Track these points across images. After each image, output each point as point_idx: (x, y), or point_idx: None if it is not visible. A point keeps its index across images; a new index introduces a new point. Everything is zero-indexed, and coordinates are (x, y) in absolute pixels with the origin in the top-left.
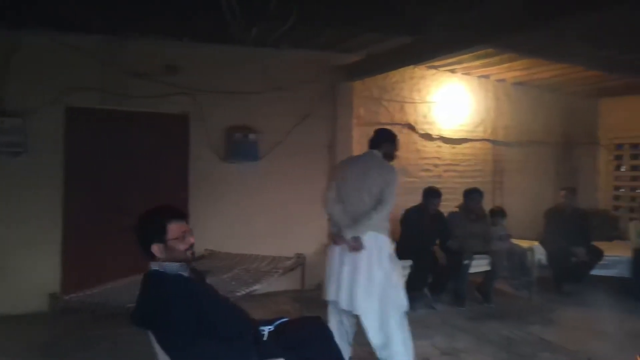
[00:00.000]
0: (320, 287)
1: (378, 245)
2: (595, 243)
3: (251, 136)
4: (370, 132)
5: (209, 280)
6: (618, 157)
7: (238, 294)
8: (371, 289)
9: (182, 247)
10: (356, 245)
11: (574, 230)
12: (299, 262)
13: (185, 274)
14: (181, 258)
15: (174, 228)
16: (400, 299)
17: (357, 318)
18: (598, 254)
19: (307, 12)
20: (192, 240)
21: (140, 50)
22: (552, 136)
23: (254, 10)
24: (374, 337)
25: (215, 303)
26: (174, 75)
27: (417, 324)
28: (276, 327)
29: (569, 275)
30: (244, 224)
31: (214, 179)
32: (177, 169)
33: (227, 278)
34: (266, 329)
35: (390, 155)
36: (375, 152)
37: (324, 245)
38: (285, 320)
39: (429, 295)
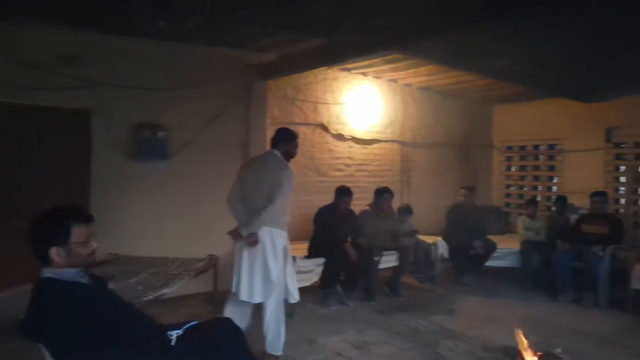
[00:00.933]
0: None
1: (272, 239)
2: (490, 237)
3: (160, 134)
4: None
5: (112, 285)
6: (509, 158)
7: (145, 298)
8: (268, 280)
9: (84, 252)
10: (250, 241)
11: (473, 225)
12: (212, 263)
13: (84, 280)
14: (81, 264)
15: (78, 231)
16: (294, 290)
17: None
18: (492, 247)
19: (219, 7)
20: (95, 245)
21: (35, 38)
22: (454, 138)
23: (161, 2)
24: (269, 327)
25: (116, 310)
26: (73, 67)
27: (329, 320)
28: (185, 331)
29: (468, 267)
30: (154, 225)
31: (120, 178)
32: (78, 168)
33: (133, 283)
34: (174, 334)
35: (289, 154)
36: (275, 151)
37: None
38: (195, 324)
39: (341, 291)
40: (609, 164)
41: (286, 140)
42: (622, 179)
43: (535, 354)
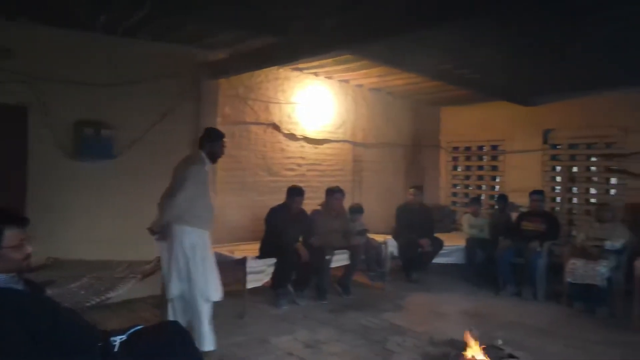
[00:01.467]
0: None
1: (179, 236)
2: (437, 234)
3: (104, 132)
4: (235, 130)
5: (52, 291)
6: (455, 159)
7: (88, 304)
8: (178, 276)
9: (18, 256)
10: (159, 237)
11: (421, 224)
12: (159, 265)
13: (18, 286)
14: (15, 269)
15: (11, 235)
16: (207, 288)
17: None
18: (440, 244)
19: (164, 3)
20: (29, 249)
21: None
22: (403, 139)
23: None
24: (192, 324)
25: (54, 316)
26: (7, 60)
27: (281, 320)
28: (129, 337)
29: (416, 264)
30: (98, 227)
31: (60, 178)
32: (14, 168)
33: (74, 287)
34: (117, 339)
35: (214, 154)
36: (199, 151)
37: None
38: (140, 328)
39: (293, 291)
40: (546, 165)
41: (211, 140)
42: (558, 179)
43: (478, 346)
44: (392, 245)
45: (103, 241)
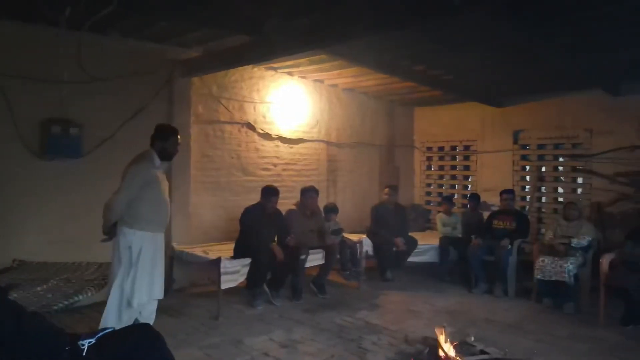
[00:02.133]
0: None
1: (118, 236)
2: (412, 233)
3: (73, 130)
4: (209, 129)
5: (16, 294)
6: (429, 158)
7: (55, 307)
8: (113, 278)
9: None
10: (107, 238)
11: (396, 223)
12: None
13: None
14: None
15: None
16: (132, 293)
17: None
18: (414, 243)
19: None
20: None
21: None
22: (378, 139)
23: None
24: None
25: (17, 320)
26: None
27: (256, 320)
28: (99, 340)
29: (391, 263)
30: (66, 228)
31: (27, 178)
32: None
33: (41, 291)
34: (86, 343)
35: (166, 152)
36: (150, 149)
37: None
38: (110, 331)
39: (268, 291)
40: (516, 164)
41: (161, 137)
42: (528, 178)
43: (451, 343)
44: (367, 245)
45: (71, 242)
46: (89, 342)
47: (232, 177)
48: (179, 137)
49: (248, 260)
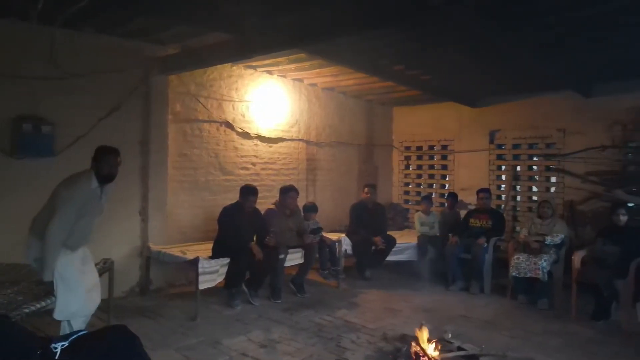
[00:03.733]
0: (132, 293)
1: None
2: (390, 232)
3: (45, 128)
4: (187, 128)
5: None
6: (407, 158)
7: (26, 310)
8: None
9: None
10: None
11: (374, 222)
12: (107, 268)
13: None
14: None
15: None
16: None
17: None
18: (392, 242)
19: None
20: None
21: None
22: (357, 138)
23: None
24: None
25: None
26: None
27: (235, 321)
28: (72, 343)
29: (369, 262)
30: None
31: None
32: None
33: (11, 293)
34: (59, 346)
35: (101, 173)
36: (89, 170)
37: (137, 247)
38: (84, 334)
39: (247, 291)
40: (492, 164)
41: (94, 157)
42: (503, 177)
43: (429, 341)
44: (346, 244)
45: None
46: (62, 345)
47: (211, 176)
48: (118, 158)
49: (226, 260)
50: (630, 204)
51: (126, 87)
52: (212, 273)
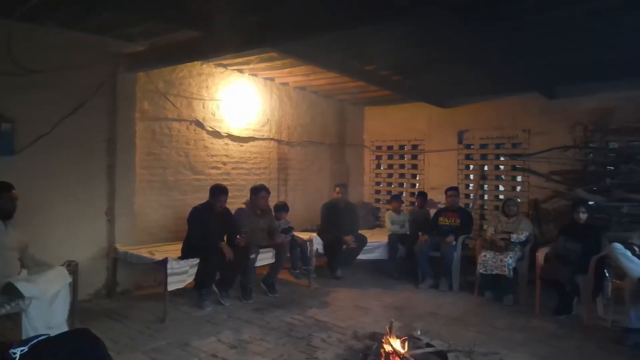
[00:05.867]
0: (98, 296)
1: None
2: (361, 231)
3: (4, 126)
4: (155, 127)
5: None
6: (378, 157)
7: None
8: None
9: None
10: None
11: (346, 221)
12: (70, 270)
13: None
14: None
15: None
16: None
17: None
18: (364, 241)
19: None
20: None
21: None
22: (328, 137)
23: None
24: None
25: None
26: None
27: (204, 322)
28: (32, 348)
29: (341, 261)
30: None
31: None
32: None
33: None
34: (18, 351)
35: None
36: None
37: (104, 249)
38: (45, 338)
39: (217, 291)
40: (461, 163)
41: None
42: (471, 177)
43: (398, 338)
44: (317, 243)
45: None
46: (22, 351)
47: (180, 175)
48: (12, 192)
49: (196, 261)
50: (590, 203)
51: (91, 84)
52: (182, 274)
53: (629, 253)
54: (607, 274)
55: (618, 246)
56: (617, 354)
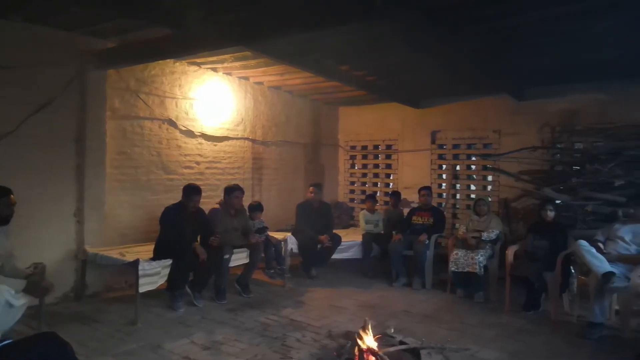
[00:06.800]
0: (66, 299)
1: None
2: (336, 230)
3: None
4: (126, 125)
5: None
6: (352, 157)
7: None
8: None
9: None
10: None
11: (320, 220)
12: (37, 272)
13: None
14: None
15: None
16: None
17: None
18: (338, 240)
19: None
20: None
21: None
22: (303, 137)
23: None
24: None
25: None
26: None
27: (177, 323)
28: None
29: (315, 260)
30: None
31: None
32: None
33: None
34: None
35: None
36: None
37: (72, 250)
38: (9, 342)
39: (190, 292)
40: (434, 163)
41: None
42: (444, 176)
43: (372, 336)
44: (292, 242)
45: None
46: None
47: (152, 175)
48: (10, 197)
49: (169, 262)
50: (557, 201)
51: (60, 81)
52: (154, 275)
53: (593, 250)
54: (572, 271)
55: (583, 243)
56: (582, 347)
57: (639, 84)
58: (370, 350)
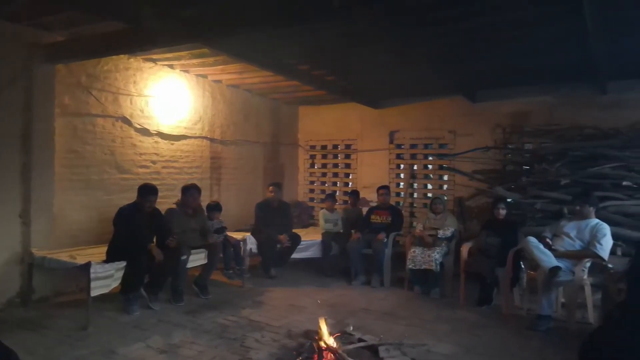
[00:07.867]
0: (11, 305)
1: None
2: (295, 230)
3: None
4: (77, 123)
5: None
6: (312, 157)
7: None
8: None
9: None
10: None
11: (280, 220)
12: None
13: None
14: None
15: None
16: None
17: None
18: (297, 239)
19: None
20: None
21: None
22: (262, 136)
23: None
24: None
25: None
26: None
27: (132, 327)
28: None
29: (275, 260)
30: None
31: None
32: None
33: None
34: None
35: None
36: None
37: (18, 253)
38: None
39: (146, 295)
40: (392, 163)
41: None
42: (402, 176)
43: (331, 335)
44: (251, 242)
45: None
46: None
47: (105, 174)
48: None
49: (123, 264)
50: (508, 200)
51: (4, 76)
52: (107, 278)
53: (541, 246)
54: (522, 266)
55: (532, 239)
56: (532, 339)
57: (584, 88)
58: (330, 349)
